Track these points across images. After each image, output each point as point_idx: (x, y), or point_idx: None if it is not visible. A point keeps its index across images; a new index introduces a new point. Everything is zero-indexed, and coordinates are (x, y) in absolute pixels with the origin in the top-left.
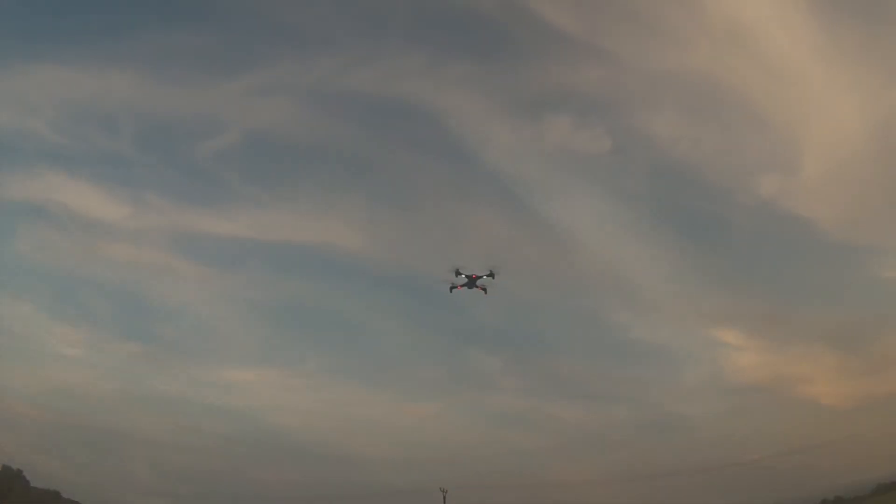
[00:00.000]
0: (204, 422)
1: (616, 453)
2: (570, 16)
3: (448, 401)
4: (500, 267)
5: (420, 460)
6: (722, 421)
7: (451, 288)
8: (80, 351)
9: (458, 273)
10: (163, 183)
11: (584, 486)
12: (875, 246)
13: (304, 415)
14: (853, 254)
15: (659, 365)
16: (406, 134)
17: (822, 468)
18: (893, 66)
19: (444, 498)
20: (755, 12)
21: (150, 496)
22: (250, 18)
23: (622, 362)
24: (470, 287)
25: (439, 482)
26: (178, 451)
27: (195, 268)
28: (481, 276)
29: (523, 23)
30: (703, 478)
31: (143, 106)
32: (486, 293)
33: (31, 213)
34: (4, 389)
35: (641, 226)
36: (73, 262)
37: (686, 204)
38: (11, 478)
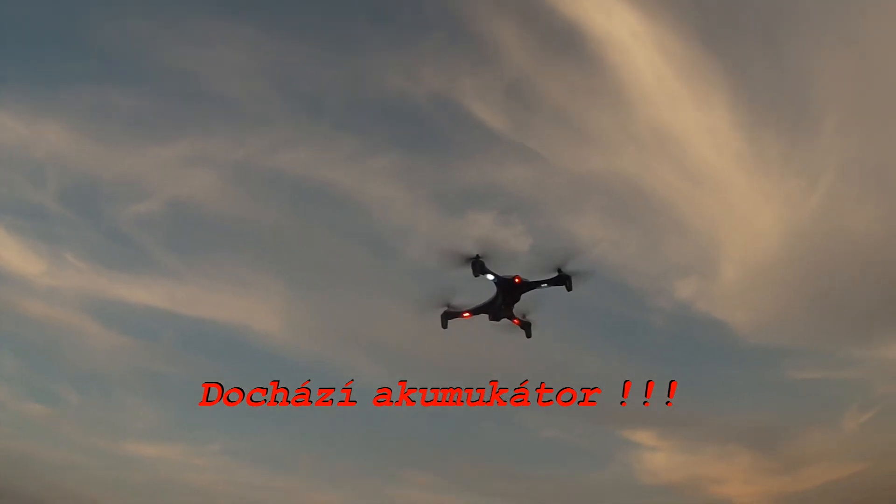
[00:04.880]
0: (101, 493)
1: None
2: (500, 114)
3: (353, 492)
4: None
5: None
6: None
7: (446, 318)
8: None
9: (449, 312)
10: (82, 242)
11: None
12: (790, 349)
13: (202, 496)
14: (767, 356)
15: (570, 465)
16: (330, 220)
17: None
18: (813, 174)
19: None
20: (681, 120)
21: None
22: (185, 85)
23: (533, 461)
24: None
25: None
26: None
27: (107, 334)
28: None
29: (454, 117)
30: None
31: (71, 161)
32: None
33: None
34: None
35: (557, 325)
36: None
37: (602, 305)
38: None
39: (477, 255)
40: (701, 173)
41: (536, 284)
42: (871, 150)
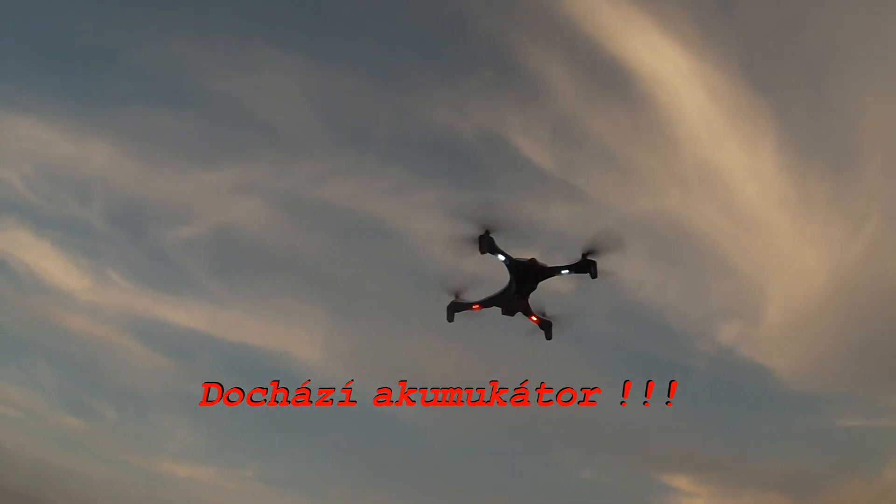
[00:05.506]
0: None
1: None
2: (546, 152)
3: None
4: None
5: None
6: None
7: (453, 310)
8: (20, 414)
9: (456, 304)
10: (127, 262)
11: None
12: (832, 396)
13: None
14: (810, 403)
15: None
16: (373, 252)
17: None
18: (858, 218)
19: None
20: (727, 161)
21: None
22: (235, 112)
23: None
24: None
25: None
26: None
27: (146, 353)
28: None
29: (500, 154)
30: None
31: (119, 180)
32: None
33: None
34: None
35: (597, 365)
36: (25, 322)
37: (644, 348)
38: None
39: (486, 231)
40: (746, 215)
41: (556, 270)
42: None
